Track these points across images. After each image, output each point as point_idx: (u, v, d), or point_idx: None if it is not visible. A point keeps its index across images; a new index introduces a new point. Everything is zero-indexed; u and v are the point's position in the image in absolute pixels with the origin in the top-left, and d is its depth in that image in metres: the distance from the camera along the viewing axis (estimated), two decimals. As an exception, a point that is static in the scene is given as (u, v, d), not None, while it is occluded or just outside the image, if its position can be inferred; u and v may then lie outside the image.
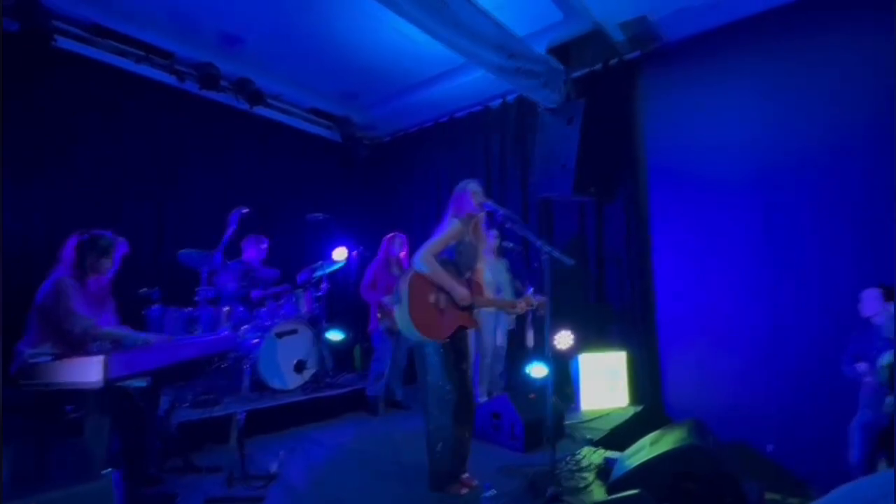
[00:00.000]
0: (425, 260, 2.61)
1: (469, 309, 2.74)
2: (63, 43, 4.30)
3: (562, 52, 4.61)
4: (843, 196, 3.67)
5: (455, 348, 2.70)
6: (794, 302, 3.83)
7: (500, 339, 4.49)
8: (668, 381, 4.44)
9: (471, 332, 2.93)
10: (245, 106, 5.51)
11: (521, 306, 2.84)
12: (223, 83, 5.20)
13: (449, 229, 2.71)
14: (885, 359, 2.95)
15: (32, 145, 4.13)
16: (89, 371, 2.10)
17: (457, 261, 2.75)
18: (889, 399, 2.88)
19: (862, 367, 3.10)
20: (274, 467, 2.99)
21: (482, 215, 2.85)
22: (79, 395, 2.34)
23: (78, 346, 2.49)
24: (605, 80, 4.82)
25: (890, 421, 2.89)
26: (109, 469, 1.83)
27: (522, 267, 3.43)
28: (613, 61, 4.77)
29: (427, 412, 2.70)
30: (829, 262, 3.69)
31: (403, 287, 2.57)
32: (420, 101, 5.90)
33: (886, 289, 3.16)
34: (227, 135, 5.57)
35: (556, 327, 4.43)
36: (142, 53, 4.71)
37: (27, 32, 3.89)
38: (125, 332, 2.75)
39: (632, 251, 4.64)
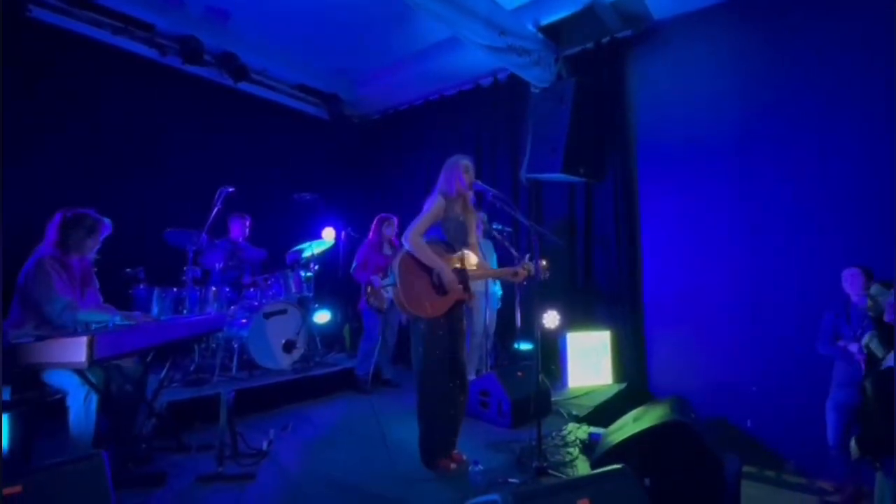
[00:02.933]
0: (411, 241, 2.62)
1: (464, 281, 2.75)
2: (37, 13, 4.13)
3: (553, 30, 4.55)
4: (824, 177, 3.71)
5: (449, 327, 2.71)
6: (775, 283, 3.90)
7: (490, 318, 4.53)
8: (653, 360, 4.53)
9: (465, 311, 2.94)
10: (229, 82, 5.38)
11: (522, 273, 2.84)
12: (207, 58, 5.06)
13: (434, 206, 2.69)
14: (865, 339, 3.03)
15: (6, 121, 4.00)
16: (74, 351, 2.08)
17: (448, 239, 2.75)
18: (867, 382, 2.96)
19: (854, 346, 3.14)
20: (264, 445, 3.02)
21: (470, 193, 2.83)
22: (65, 376, 2.33)
23: (59, 327, 2.46)
24: (597, 58, 4.78)
25: (861, 399, 2.98)
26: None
27: (511, 247, 3.44)
28: (605, 40, 4.72)
29: (420, 389, 2.73)
30: (808, 244, 3.76)
31: (395, 267, 2.59)
32: (410, 79, 5.80)
33: (866, 269, 3.23)
34: (211, 111, 5.44)
35: (544, 306, 4.48)
36: (120, 25, 4.56)
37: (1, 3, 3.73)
38: (107, 314, 2.70)
39: (620, 232, 4.67)
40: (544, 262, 2.82)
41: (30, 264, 2.50)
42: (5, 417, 2.11)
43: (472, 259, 2.84)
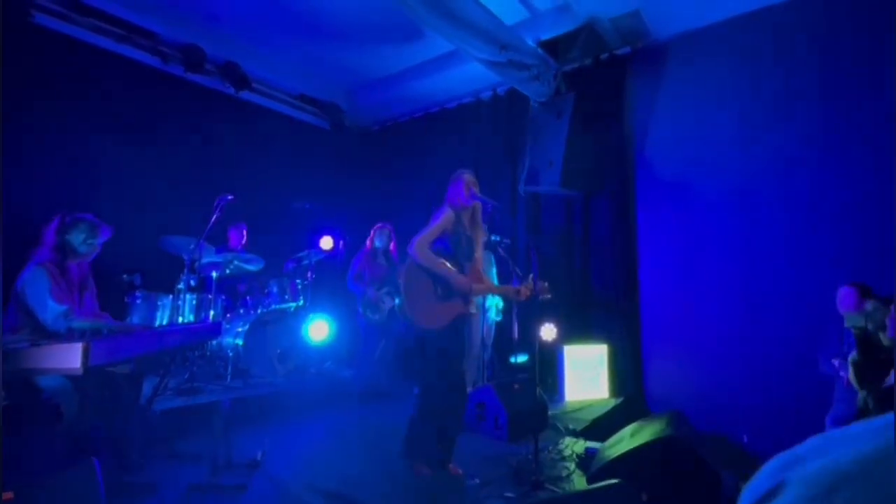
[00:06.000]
0: (419, 250, 2.63)
1: (466, 297, 2.76)
2: (42, 19, 4.16)
3: (552, 46, 4.62)
4: (821, 195, 3.76)
5: (453, 339, 2.71)
6: (772, 299, 3.92)
7: (487, 330, 4.52)
8: (649, 374, 4.52)
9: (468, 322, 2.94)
10: (231, 90, 5.41)
11: (524, 292, 2.82)
12: (208, 66, 5.10)
13: (443, 218, 2.72)
14: (853, 355, 3.05)
15: (7, 124, 3.99)
16: (69, 357, 2.06)
17: (454, 252, 2.75)
18: (861, 394, 2.97)
19: (836, 362, 3.20)
20: (258, 455, 2.99)
21: (478, 206, 2.85)
22: (59, 382, 2.31)
23: (54, 334, 2.44)
24: (595, 74, 4.84)
25: (859, 414, 2.99)
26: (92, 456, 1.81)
27: (510, 260, 3.45)
28: (604, 56, 4.78)
29: (420, 400, 2.73)
30: (805, 259, 3.79)
31: (401, 278, 2.61)
32: (410, 91, 5.86)
33: (861, 286, 3.24)
34: (211, 119, 5.46)
35: (541, 319, 4.48)
36: (123, 33, 4.60)
37: (4, 7, 3.76)
38: (103, 321, 2.68)
39: (617, 245, 4.70)
40: (546, 284, 2.81)
41: (27, 270, 2.49)
42: (-3, 423, 2.08)
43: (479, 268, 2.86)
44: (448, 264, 2.69)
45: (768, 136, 4.00)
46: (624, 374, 4.54)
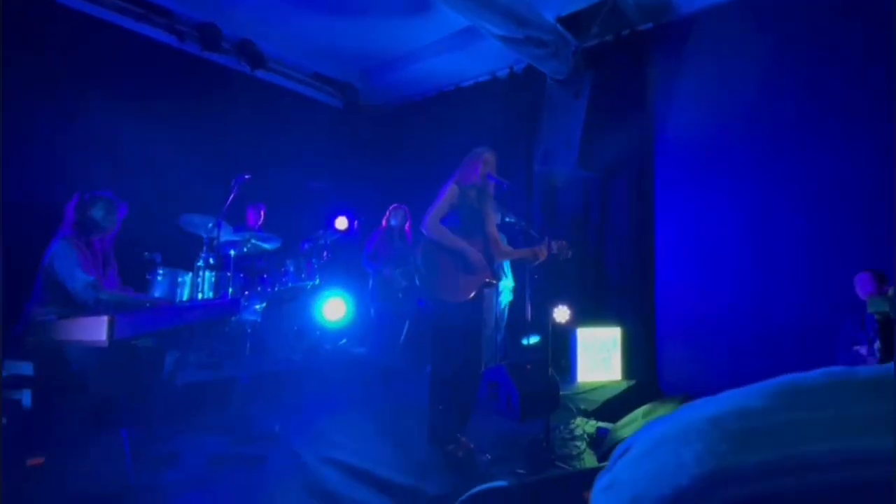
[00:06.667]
0: (431, 227, 2.67)
1: (490, 265, 2.77)
2: (60, -3, 4.19)
3: (572, 21, 4.49)
4: (845, 178, 3.64)
5: (474, 313, 2.74)
6: (789, 285, 3.85)
7: (499, 311, 4.53)
8: (663, 357, 4.50)
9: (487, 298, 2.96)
10: (246, 69, 5.40)
11: (543, 253, 2.85)
12: (224, 45, 5.09)
13: (446, 193, 2.73)
14: (878, 342, 2.99)
15: (29, 103, 4.06)
16: (95, 330, 2.14)
17: (463, 227, 2.76)
18: None
19: (863, 350, 3.13)
20: (275, 428, 3.07)
21: (489, 185, 2.84)
22: (85, 353, 2.39)
23: (82, 306, 2.53)
24: (616, 51, 4.70)
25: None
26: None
27: (523, 240, 3.44)
28: (625, 33, 4.64)
29: (434, 375, 2.77)
30: (825, 242, 3.70)
31: (419, 254, 2.65)
32: (425, 69, 5.78)
33: (877, 273, 3.18)
34: (228, 98, 5.46)
35: (554, 301, 4.47)
36: (141, 11, 4.60)
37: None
38: (128, 294, 2.79)
39: (633, 227, 4.63)
40: (564, 242, 2.84)
41: (55, 244, 2.57)
42: (28, 392, 2.18)
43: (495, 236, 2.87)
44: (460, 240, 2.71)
45: (792, 116, 3.87)
46: (637, 356, 4.52)
